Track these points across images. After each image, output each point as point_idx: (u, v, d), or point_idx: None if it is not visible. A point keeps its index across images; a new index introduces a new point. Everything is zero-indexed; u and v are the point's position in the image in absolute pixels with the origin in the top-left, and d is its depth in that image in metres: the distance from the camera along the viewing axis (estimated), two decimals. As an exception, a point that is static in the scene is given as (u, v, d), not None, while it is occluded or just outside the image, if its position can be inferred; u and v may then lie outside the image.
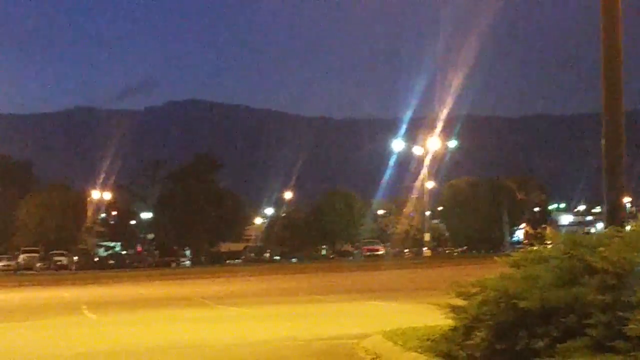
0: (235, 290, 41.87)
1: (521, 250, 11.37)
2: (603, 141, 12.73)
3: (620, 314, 8.56)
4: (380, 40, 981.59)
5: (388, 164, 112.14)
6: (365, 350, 13.75)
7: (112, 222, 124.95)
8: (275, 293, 37.41)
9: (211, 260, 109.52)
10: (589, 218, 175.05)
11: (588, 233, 11.37)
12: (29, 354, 16.41)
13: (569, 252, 9.96)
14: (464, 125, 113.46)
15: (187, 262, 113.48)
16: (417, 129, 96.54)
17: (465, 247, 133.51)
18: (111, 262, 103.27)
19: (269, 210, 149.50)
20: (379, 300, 28.72)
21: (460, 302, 11.03)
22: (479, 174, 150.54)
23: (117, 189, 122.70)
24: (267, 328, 19.96)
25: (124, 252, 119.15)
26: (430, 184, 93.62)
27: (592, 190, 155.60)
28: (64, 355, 15.98)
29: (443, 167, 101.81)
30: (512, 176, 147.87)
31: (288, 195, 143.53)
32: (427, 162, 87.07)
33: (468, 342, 10.08)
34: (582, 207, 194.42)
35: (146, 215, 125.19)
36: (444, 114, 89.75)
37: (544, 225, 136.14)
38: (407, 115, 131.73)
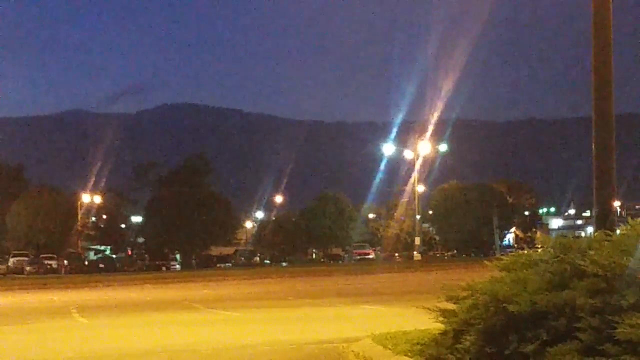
0: (226, 293, 41.81)
1: (511, 254, 11.37)
2: (593, 145, 12.74)
3: (610, 317, 8.56)
4: (372, 44, 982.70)
5: (379, 168, 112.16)
6: (355, 354, 13.73)
7: (102, 226, 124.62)
8: (265, 297, 37.38)
9: (201, 264, 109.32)
10: (579, 222, 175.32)
11: (578, 237, 11.36)
12: (18, 358, 16.34)
13: (558, 256, 9.97)
14: (454, 129, 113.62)
15: (178, 266, 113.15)
16: (408, 132, 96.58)
17: (454, 251, 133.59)
18: (101, 265, 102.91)
19: (260, 214, 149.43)
20: (369, 304, 28.71)
21: (450, 306, 11.03)
22: (469, 178, 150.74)
23: (108, 192, 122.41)
24: (257, 332, 19.94)
25: (114, 256, 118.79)
26: (420, 188, 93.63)
27: (583, 194, 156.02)
28: (53, 359, 15.93)
29: (433, 171, 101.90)
30: (502, 180, 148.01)
31: (279, 198, 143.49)
32: (417, 166, 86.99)
33: (458, 346, 10.08)
34: (572, 211, 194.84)
35: (137, 218, 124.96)
36: (434, 118, 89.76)
37: (534, 229, 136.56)
38: (398, 119, 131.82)
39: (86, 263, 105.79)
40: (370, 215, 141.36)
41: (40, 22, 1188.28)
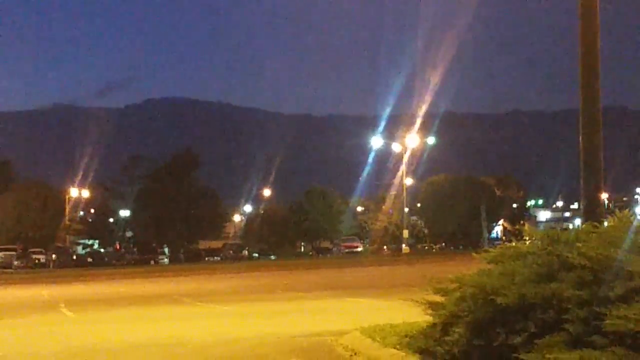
0: (214, 287, 41.78)
1: (499, 246, 11.38)
2: (581, 138, 12.77)
3: (598, 309, 8.58)
4: (360, 37, 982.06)
5: (367, 161, 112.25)
6: (344, 347, 13.74)
7: (90, 220, 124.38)
8: (254, 290, 37.36)
9: (190, 258, 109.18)
10: (567, 214, 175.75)
11: (566, 229, 11.39)
12: (6, 353, 16.29)
13: (546, 248, 9.99)
14: (442, 122, 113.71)
15: (166, 260, 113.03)
16: (397, 125, 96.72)
17: (443, 244, 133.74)
18: (90, 260, 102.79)
19: (248, 207, 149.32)
20: (358, 297, 28.73)
21: (438, 298, 11.05)
22: (457, 171, 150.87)
23: (95, 186, 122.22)
24: (246, 325, 19.93)
25: (102, 250, 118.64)
26: (409, 181, 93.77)
27: (570, 186, 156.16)
28: (41, 353, 15.89)
29: (422, 164, 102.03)
30: (490, 173, 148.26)
31: (267, 192, 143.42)
32: (405, 159, 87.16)
33: (446, 339, 10.10)
34: (560, 204, 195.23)
35: (125, 212, 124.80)
36: (422, 110, 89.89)
37: (522, 222, 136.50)
38: (387, 112, 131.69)
39: (74, 257, 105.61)
40: (359, 209, 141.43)
41: (27, 16, 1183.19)
